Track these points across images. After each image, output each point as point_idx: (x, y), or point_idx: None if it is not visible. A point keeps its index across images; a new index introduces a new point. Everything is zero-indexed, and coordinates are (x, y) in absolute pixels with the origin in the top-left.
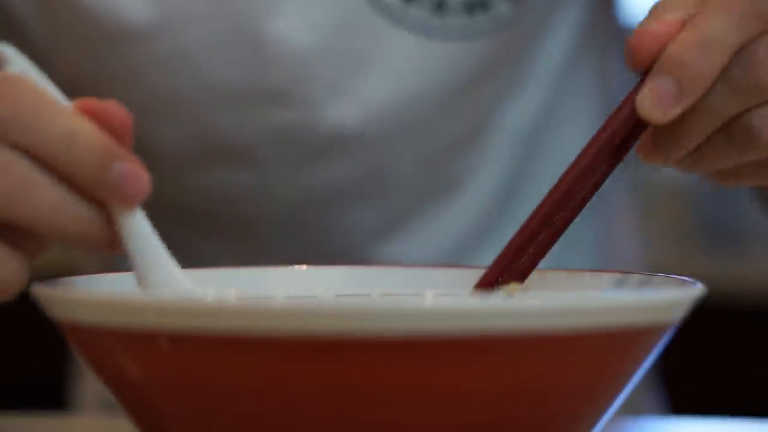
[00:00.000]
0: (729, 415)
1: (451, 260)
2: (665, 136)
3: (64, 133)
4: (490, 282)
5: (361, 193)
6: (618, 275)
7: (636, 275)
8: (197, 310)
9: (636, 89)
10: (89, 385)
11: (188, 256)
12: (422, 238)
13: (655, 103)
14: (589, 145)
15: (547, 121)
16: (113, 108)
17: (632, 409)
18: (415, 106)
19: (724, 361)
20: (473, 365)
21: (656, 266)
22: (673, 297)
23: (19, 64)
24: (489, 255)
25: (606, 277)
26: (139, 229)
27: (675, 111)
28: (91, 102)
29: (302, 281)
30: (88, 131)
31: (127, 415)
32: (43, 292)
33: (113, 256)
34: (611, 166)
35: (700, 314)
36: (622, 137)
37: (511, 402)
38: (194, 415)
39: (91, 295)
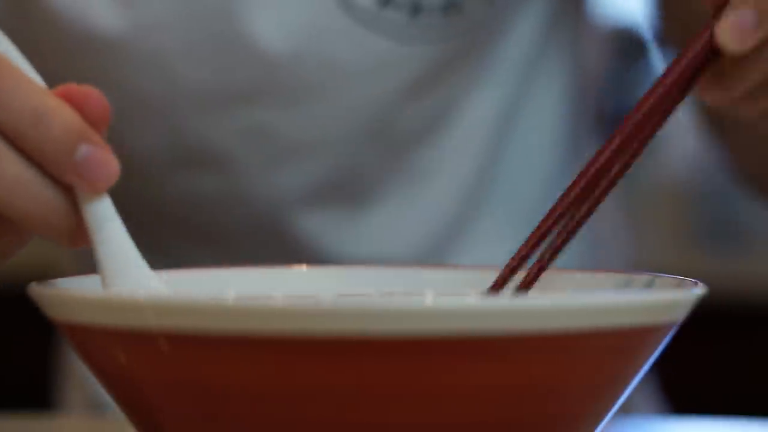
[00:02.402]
0: (729, 415)
1: (426, 255)
2: (731, 70)
3: (34, 108)
4: (504, 279)
5: (331, 192)
6: (622, 276)
7: (641, 276)
8: (197, 310)
9: (707, 27)
10: (76, 385)
11: (168, 259)
12: (395, 233)
13: (735, 32)
14: (659, 82)
15: (515, 111)
16: (93, 93)
17: (631, 408)
18: (384, 103)
19: (724, 361)
20: (473, 365)
21: (656, 266)
22: (674, 297)
23: (1, 43)
24: (464, 249)
25: (610, 277)
26: (106, 219)
27: (752, 41)
28: (71, 87)
29: (301, 281)
30: (59, 109)
31: (125, 416)
32: (41, 292)
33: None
34: (666, 116)
35: (701, 314)
36: (690, 74)
37: (511, 402)
38: (193, 415)
39: (90, 295)
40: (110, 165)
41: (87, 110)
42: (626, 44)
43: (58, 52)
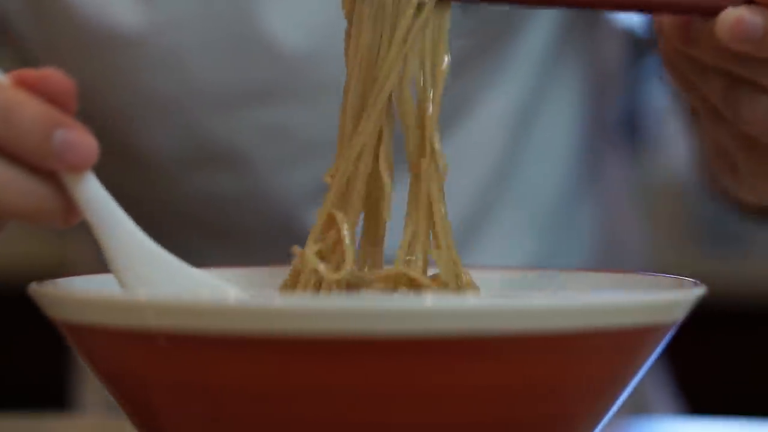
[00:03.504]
0: (729, 415)
1: None
2: (702, 40)
3: (1, 108)
4: None
5: None
6: (619, 275)
7: (637, 275)
8: (197, 310)
9: None
10: (92, 385)
11: (182, 257)
12: None
13: (735, 27)
14: None
15: (532, 109)
16: (53, 76)
17: (647, 408)
18: None
19: (724, 362)
20: (473, 365)
21: (656, 266)
22: (673, 297)
23: None
24: (477, 247)
25: (607, 276)
26: (94, 195)
27: (740, 45)
28: (29, 72)
29: None
30: (25, 103)
31: (126, 415)
32: (41, 292)
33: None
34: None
35: (700, 314)
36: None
37: (510, 402)
38: (193, 415)
39: (91, 295)
40: (88, 144)
41: (49, 92)
42: (635, 42)
43: (75, 51)
